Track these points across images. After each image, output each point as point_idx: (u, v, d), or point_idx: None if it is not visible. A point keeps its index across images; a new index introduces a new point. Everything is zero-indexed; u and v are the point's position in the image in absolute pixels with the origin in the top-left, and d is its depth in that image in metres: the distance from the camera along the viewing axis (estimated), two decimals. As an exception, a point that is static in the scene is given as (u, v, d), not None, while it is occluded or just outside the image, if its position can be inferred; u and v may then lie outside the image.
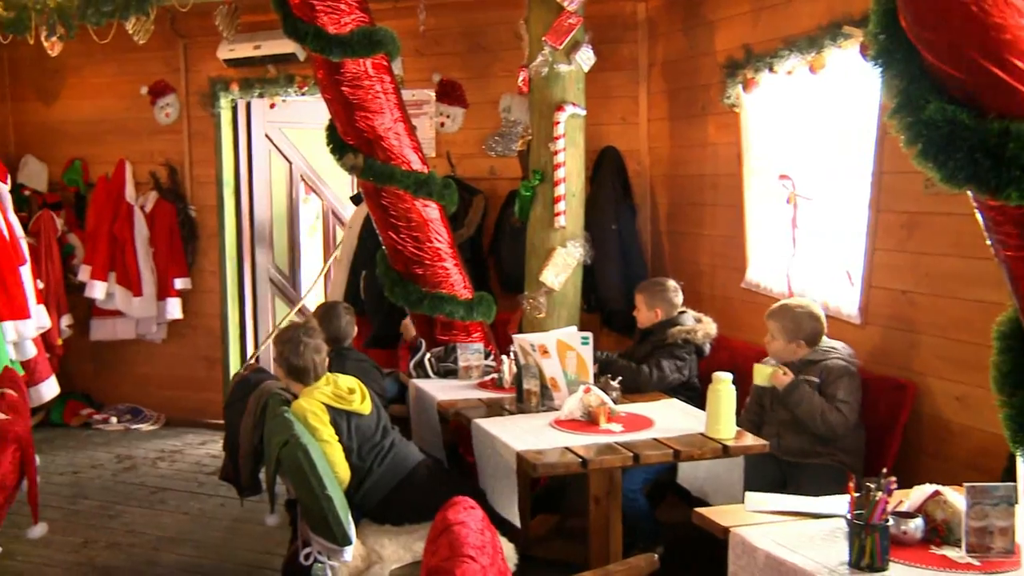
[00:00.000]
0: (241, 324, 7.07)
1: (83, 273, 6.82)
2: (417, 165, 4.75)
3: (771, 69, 4.42)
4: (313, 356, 3.63)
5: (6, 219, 6.00)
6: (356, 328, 4.61)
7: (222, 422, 4.56)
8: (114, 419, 7.08)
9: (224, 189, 6.87)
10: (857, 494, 2.33)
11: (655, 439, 3.44)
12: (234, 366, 6.95)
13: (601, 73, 5.28)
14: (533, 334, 4.16)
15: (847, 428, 3.65)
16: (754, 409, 3.95)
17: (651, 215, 5.81)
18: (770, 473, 3.72)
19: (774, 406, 3.84)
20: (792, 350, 3.82)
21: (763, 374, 3.76)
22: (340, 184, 7.17)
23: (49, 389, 6.39)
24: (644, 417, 3.73)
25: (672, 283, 4.51)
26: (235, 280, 7.01)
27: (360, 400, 3.64)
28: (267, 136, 7.03)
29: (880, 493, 2.29)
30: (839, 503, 2.56)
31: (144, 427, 7.00)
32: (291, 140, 7.10)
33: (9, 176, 6.42)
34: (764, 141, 4.74)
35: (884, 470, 2.43)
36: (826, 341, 3.84)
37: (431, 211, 4.79)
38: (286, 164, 7.13)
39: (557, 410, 3.78)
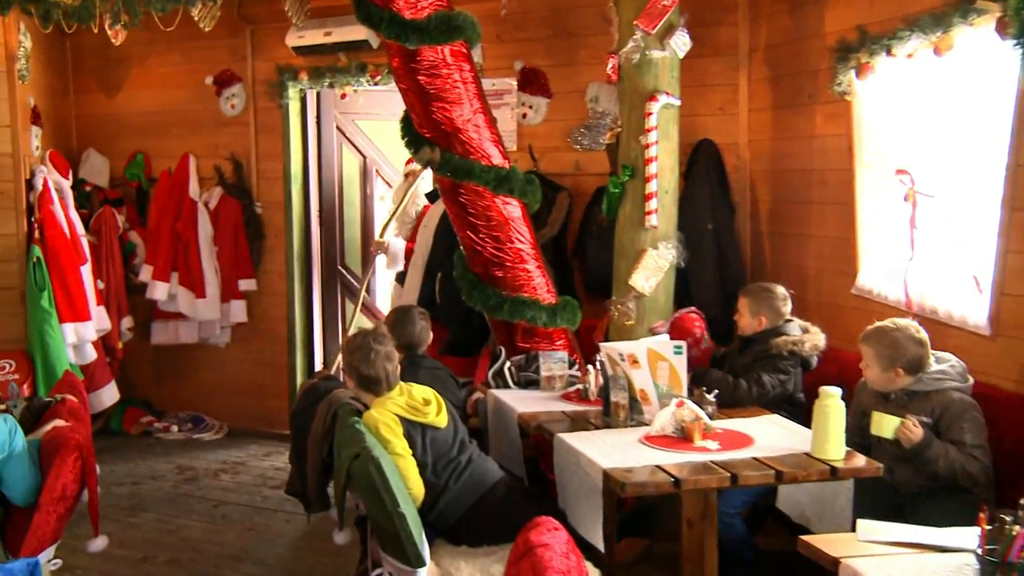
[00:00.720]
0: (309, 329, 7.21)
1: (144, 273, 7.03)
2: (498, 159, 4.78)
3: (889, 52, 4.33)
4: (385, 364, 3.69)
5: (67, 216, 6.26)
6: (431, 334, 4.66)
7: (288, 432, 4.68)
8: (175, 427, 7.29)
9: (292, 185, 7.02)
10: (989, 527, 2.26)
11: (755, 458, 3.41)
12: (301, 373, 7.09)
13: (697, 59, 5.24)
14: (621, 342, 4.14)
15: (987, 473, 3.49)
16: (857, 433, 3.77)
17: (751, 214, 5.74)
18: (883, 499, 3.63)
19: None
20: (890, 379, 3.66)
21: (886, 426, 3.50)
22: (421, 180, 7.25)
23: (109, 395, 6.65)
24: (743, 434, 3.69)
25: (782, 290, 4.45)
26: (303, 282, 7.16)
27: (436, 412, 3.69)
28: (338, 128, 7.17)
29: (1018, 527, 2.21)
30: (967, 536, 2.50)
31: (206, 436, 7.20)
32: (365, 133, 7.21)
33: (71, 171, 6.68)
34: (879, 132, 4.65)
35: (1022, 500, 2.35)
36: (933, 362, 3.67)
37: (512, 209, 4.82)
38: (359, 158, 7.24)
39: (647, 425, 3.77)
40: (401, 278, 6.28)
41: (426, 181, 6.18)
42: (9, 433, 3.62)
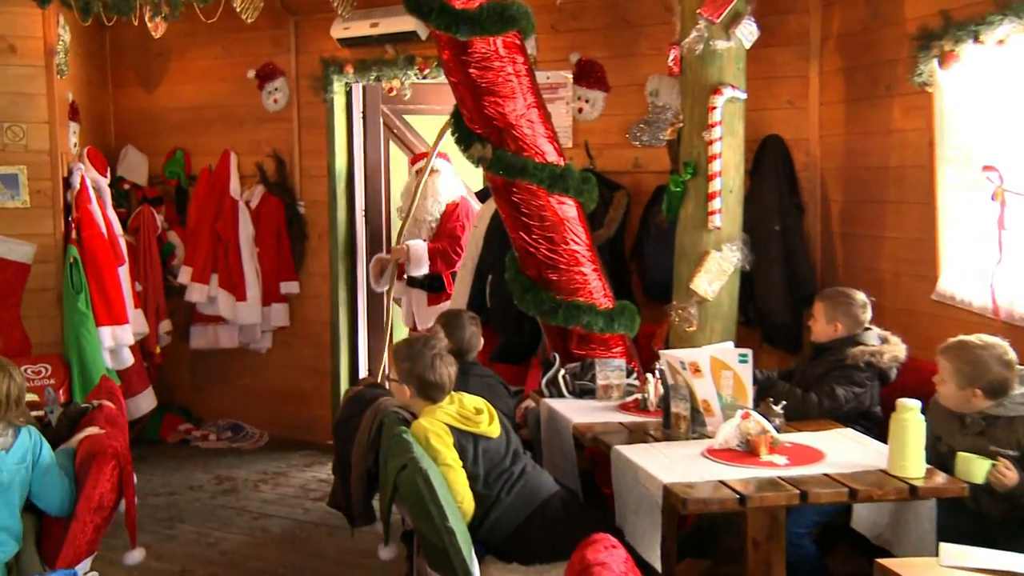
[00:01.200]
0: (353, 333, 7.27)
1: (183, 275, 7.14)
2: (552, 157, 4.78)
3: (976, 39, 4.25)
4: (448, 371, 3.75)
5: (105, 216, 6.38)
6: (481, 340, 4.68)
7: (331, 442, 4.70)
8: (213, 436, 7.38)
9: (337, 183, 7.08)
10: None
11: (827, 475, 3.37)
12: (345, 380, 7.15)
13: (765, 49, 5.20)
14: (683, 350, 4.13)
15: None
16: (933, 454, 3.61)
17: (821, 214, 5.68)
18: (967, 521, 3.56)
19: None
20: (966, 399, 3.55)
21: (975, 471, 3.37)
22: (471, 178, 7.26)
23: (146, 401, 6.77)
24: (813, 449, 3.65)
25: (861, 296, 4.40)
26: (347, 285, 7.22)
27: (488, 421, 3.71)
28: (385, 124, 7.22)
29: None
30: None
31: (246, 445, 7.28)
32: (414, 128, 7.24)
33: (108, 168, 6.80)
34: (964, 126, 4.56)
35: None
36: (1018, 383, 3.53)
37: (567, 209, 4.82)
38: (407, 155, 7.28)
39: (710, 437, 3.75)
40: (414, 282, 6.34)
41: (444, 177, 6.24)
42: (34, 446, 3.69)
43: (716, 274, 4.83)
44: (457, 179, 6.45)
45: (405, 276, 6.38)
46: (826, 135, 5.63)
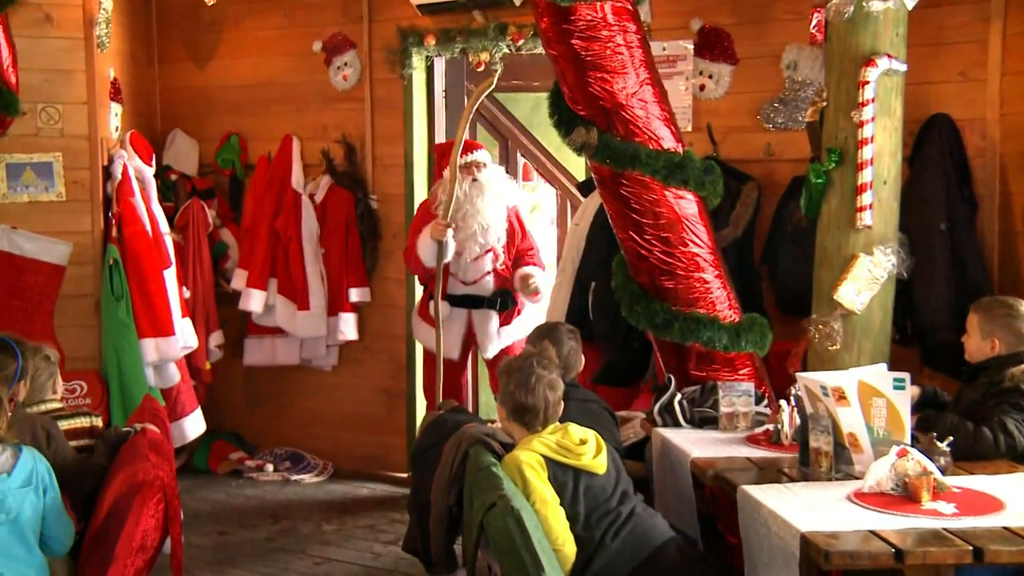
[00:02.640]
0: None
1: (237, 280, 7.28)
2: (669, 142, 4.78)
3: None
4: (547, 394, 3.80)
5: (149, 210, 6.52)
6: (582, 358, 4.70)
7: (407, 475, 4.75)
8: (270, 467, 7.50)
9: (414, 173, 7.17)
10: None
11: (1006, 528, 3.30)
12: (422, 403, 7.19)
13: (933, 10, 5.13)
14: (824, 372, 4.09)
15: None
16: None
17: (999, 209, 5.56)
18: None
19: None
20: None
21: None
22: (581, 168, 7.29)
23: (194, 426, 6.88)
24: (988, 495, 3.58)
25: None
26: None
27: (593, 454, 3.74)
28: (472, 104, 7.28)
29: None
30: None
31: (307, 478, 7.39)
32: (505, 108, 7.28)
33: (154, 156, 6.95)
34: None
35: None
36: None
37: (686, 204, 4.81)
38: (499, 140, 7.33)
39: (858, 479, 3.71)
40: (474, 300, 6.36)
41: (490, 174, 6.27)
42: (38, 470, 3.78)
43: (865, 282, 4.78)
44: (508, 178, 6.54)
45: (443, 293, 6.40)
46: (1009, 113, 5.51)
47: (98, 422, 4.52)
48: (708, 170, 4.88)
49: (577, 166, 7.28)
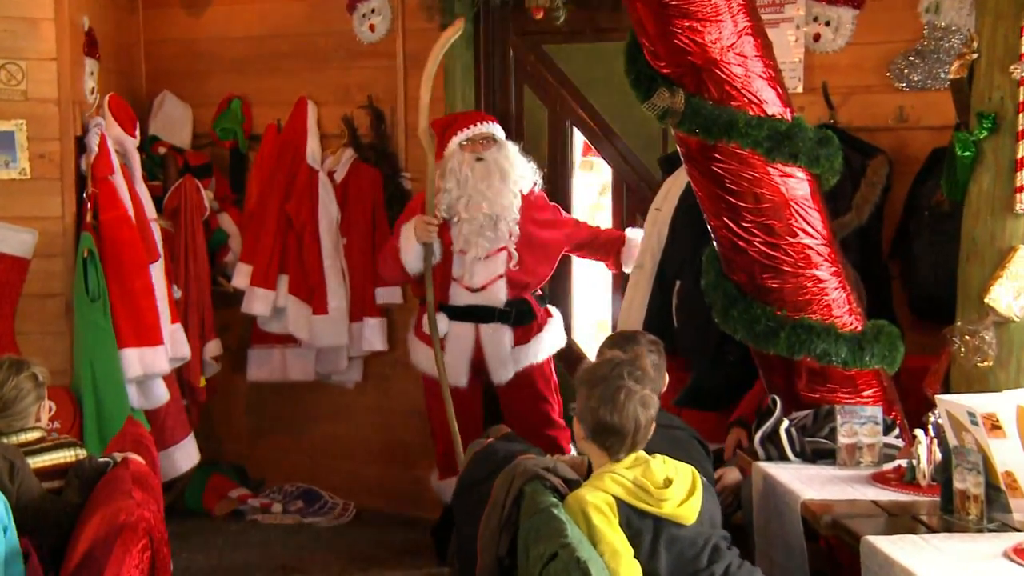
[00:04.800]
0: (478, 363, 7.35)
1: (239, 276, 7.35)
2: (774, 107, 4.76)
3: None
4: (637, 413, 3.77)
5: (133, 192, 6.57)
6: (666, 376, 4.70)
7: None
8: (278, 507, 7.56)
9: (456, 145, 7.17)
10: None
11: None
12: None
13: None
14: (973, 395, 4.05)
15: None
16: None
17: None
18: None
19: None
20: None
21: None
22: (645, 139, 7.31)
23: (186, 456, 6.93)
24: None
25: None
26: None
27: (682, 498, 3.72)
28: (518, 61, 7.31)
29: None
30: None
31: (323, 521, 7.44)
32: (560, 67, 7.27)
33: (138, 125, 6.99)
34: None
35: None
36: None
37: (796, 184, 4.79)
38: (548, 106, 7.30)
39: (1018, 530, 3.68)
40: (481, 312, 6.34)
41: (499, 152, 6.26)
42: (3, 506, 3.83)
43: (1025, 282, 4.74)
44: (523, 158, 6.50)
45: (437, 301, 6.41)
46: None
47: (84, 454, 4.56)
48: (823, 141, 4.84)
49: (635, 136, 7.23)
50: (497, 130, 6.44)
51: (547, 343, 6.49)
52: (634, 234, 6.46)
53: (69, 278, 6.38)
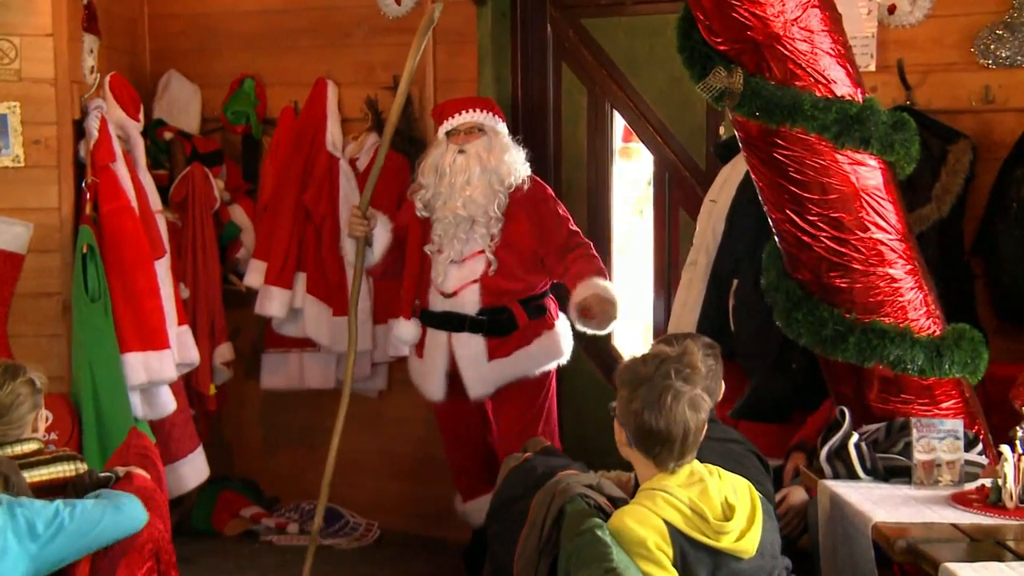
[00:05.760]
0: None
1: (253, 274, 7.38)
2: (843, 87, 4.74)
3: None
4: (687, 417, 3.72)
5: (136, 181, 6.59)
6: (722, 383, 4.70)
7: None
8: (295, 527, 7.57)
9: (490, 131, 7.19)
10: None
11: None
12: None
13: None
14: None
15: None
16: None
17: None
18: None
19: None
20: None
21: None
22: (690, 123, 7.30)
23: (194, 471, 6.95)
24: None
25: None
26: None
27: (742, 530, 3.71)
28: (556, 37, 7.32)
29: None
30: None
31: (344, 543, 7.46)
32: (599, 44, 7.26)
33: (141, 108, 7.03)
34: None
35: None
36: None
37: (867, 173, 4.77)
38: (587, 86, 7.29)
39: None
40: (454, 320, 6.28)
41: (486, 144, 6.20)
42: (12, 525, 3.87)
43: None
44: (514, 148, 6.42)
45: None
46: None
47: (84, 468, 4.57)
48: (898, 125, 4.82)
49: (679, 120, 7.21)
50: (486, 119, 6.36)
51: (538, 357, 6.36)
52: (601, 284, 6.12)
53: (67, 276, 6.40)
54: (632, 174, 8.06)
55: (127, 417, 6.24)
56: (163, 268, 6.63)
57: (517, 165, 6.29)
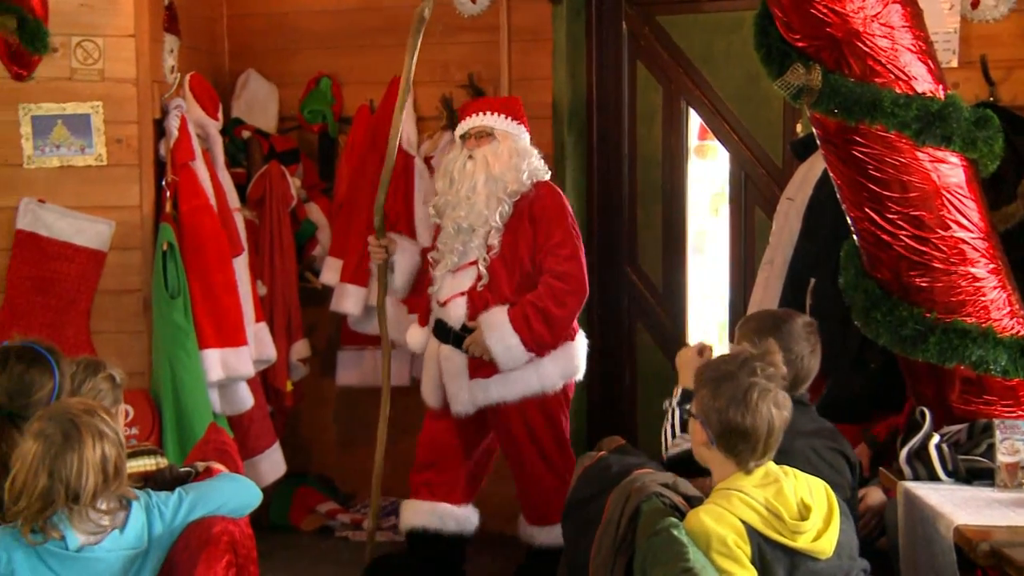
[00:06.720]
0: (591, 364, 7.28)
1: (329, 271, 7.38)
2: (924, 83, 4.70)
3: None
4: (771, 414, 3.70)
5: (215, 180, 6.63)
6: (817, 362, 4.64)
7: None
8: (371, 522, 7.54)
9: (566, 129, 7.19)
10: None
11: None
12: (579, 440, 7.17)
13: None
14: None
15: None
16: None
17: None
18: None
19: None
20: None
21: None
22: (766, 121, 7.26)
23: (271, 466, 6.97)
24: None
25: None
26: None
27: (819, 530, 3.68)
28: (631, 34, 7.29)
29: None
30: None
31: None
32: (675, 41, 7.23)
33: (220, 107, 7.08)
34: None
35: None
36: None
37: (949, 170, 4.72)
38: (663, 84, 7.26)
39: None
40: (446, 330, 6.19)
41: (495, 149, 6.12)
42: (148, 523, 3.91)
43: None
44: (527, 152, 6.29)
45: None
46: None
47: (165, 463, 4.60)
48: (981, 122, 4.76)
49: (755, 118, 7.17)
50: (497, 122, 6.22)
51: (523, 382, 6.13)
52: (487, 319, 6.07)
53: (147, 273, 6.44)
54: (708, 172, 8.00)
55: (206, 413, 6.28)
56: (241, 265, 6.66)
57: (525, 172, 6.13)
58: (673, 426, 4.63)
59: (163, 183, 6.51)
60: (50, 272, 6.31)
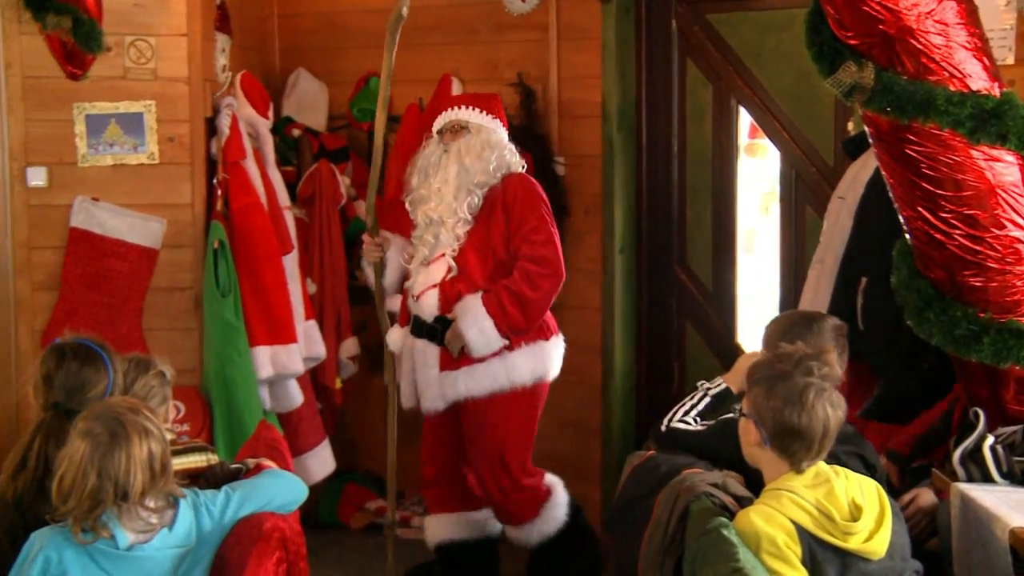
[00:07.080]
0: (638, 369, 7.31)
1: (379, 270, 7.38)
2: (979, 81, 4.66)
3: None
4: (827, 414, 3.68)
5: (265, 178, 6.66)
6: (846, 362, 4.60)
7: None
8: (420, 520, 7.53)
9: (614, 129, 7.17)
10: None
11: None
12: (627, 442, 7.21)
13: None
14: None
15: None
16: None
17: None
18: None
19: None
20: None
21: None
22: (817, 119, 7.20)
23: (320, 464, 7.00)
24: None
25: None
26: (631, 289, 7.31)
27: (871, 531, 3.66)
28: (681, 32, 7.27)
29: None
30: None
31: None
32: (725, 39, 7.20)
33: (271, 106, 7.11)
34: None
35: None
36: None
37: (1004, 169, 4.68)
38: (713, 82, 7.24)
39: None
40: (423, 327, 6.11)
41: (469, 141, 6.05)
42: (197, 523, 3.94)
43: None
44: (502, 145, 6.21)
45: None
46: None
47: (215, 459, 4.61)
48: (1038, 121, 4.75)
49: (806, 116, 7.11)
50: (471, 115, 6.17)
51: (490, 376, 6.03)
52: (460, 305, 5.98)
53: (199, 270, 6.50)
54: (758, 171, 7.97)
55: (257, 410, 6.32)
56: (291, 263, 6.70)
57: (493, 163, 6.06)
58: (694, 407, 4.68)
59: (214, 181, 6.57)
60: (103, 269, 6.36)
